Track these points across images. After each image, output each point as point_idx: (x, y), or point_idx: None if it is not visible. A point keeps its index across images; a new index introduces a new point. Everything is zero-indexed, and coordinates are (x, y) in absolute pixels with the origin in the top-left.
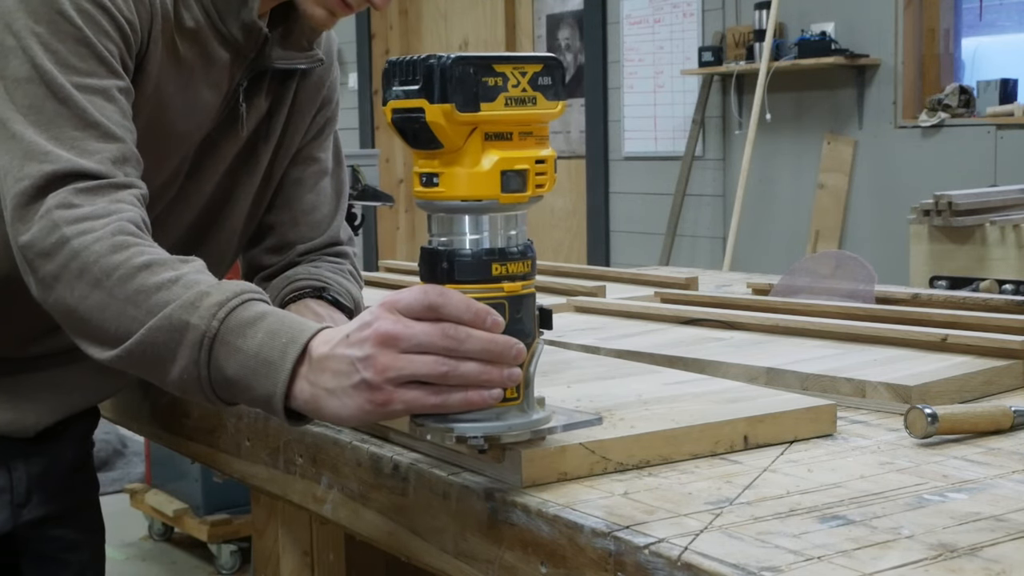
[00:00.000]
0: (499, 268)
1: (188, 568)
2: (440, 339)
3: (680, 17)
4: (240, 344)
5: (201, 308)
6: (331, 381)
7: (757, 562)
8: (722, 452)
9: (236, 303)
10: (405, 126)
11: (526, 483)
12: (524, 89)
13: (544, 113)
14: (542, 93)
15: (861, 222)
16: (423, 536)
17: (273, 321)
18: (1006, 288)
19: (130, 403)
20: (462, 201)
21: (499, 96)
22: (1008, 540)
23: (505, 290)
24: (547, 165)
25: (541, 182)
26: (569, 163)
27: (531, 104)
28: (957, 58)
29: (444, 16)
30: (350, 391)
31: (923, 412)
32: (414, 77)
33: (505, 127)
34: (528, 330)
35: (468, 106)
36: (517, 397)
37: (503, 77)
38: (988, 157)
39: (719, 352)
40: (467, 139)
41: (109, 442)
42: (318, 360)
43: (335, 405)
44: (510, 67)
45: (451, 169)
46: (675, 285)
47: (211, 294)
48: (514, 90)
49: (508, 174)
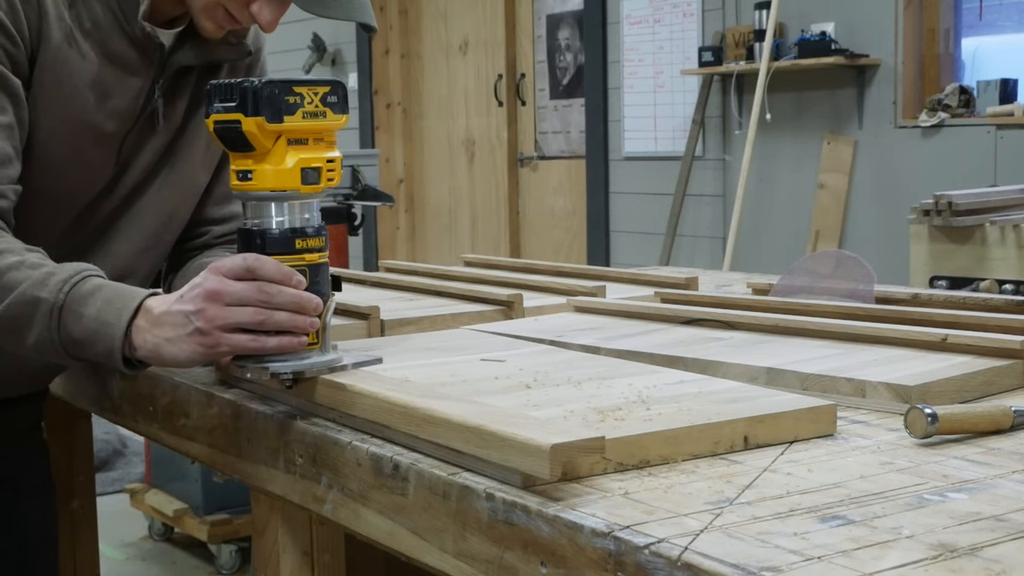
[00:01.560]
0: (300, 243)
1: (188, 568)
2: (257, 294)
3: (680, 17)
4: (83, 311)
5: (49, 284)
6: (170, 332)
7: (757, 562)
8: (722, 452)
9: (77, 279)
10: (225, 134)
11: (526, 483)
12: (317, 106)
13: (332, 124)
14: (331, 108)
15: (861, 222)
16: (423, 536)
17: (108, 291)
18: (1006, 288)
19: (130, 403)
20: (271, 191)
21: (298, 111)
22: (1008, 540)
23: (305, 260)
24: (335, 164)
25: (331, 176)
26: (569, 163)
27: (322, 117)
28: (957, 58)
29: (444, 16)
30: (185, 338)
31: (923, 412)
32: (232, 96)
33: (303, 135)
34: (325, 291)
35: (274, 118)
36: (317, 342)
37: (301, 96)
38: (988, 157)
39: (719, 352)
40: (274, 143)
41: (109, 442)
42: (158, 316)
43: (173, 351)
44: (306, 88)
45: (262, 167)
46: (675, 285)
47: (56, 273)
48: (309, 106)
49: (307, 170)
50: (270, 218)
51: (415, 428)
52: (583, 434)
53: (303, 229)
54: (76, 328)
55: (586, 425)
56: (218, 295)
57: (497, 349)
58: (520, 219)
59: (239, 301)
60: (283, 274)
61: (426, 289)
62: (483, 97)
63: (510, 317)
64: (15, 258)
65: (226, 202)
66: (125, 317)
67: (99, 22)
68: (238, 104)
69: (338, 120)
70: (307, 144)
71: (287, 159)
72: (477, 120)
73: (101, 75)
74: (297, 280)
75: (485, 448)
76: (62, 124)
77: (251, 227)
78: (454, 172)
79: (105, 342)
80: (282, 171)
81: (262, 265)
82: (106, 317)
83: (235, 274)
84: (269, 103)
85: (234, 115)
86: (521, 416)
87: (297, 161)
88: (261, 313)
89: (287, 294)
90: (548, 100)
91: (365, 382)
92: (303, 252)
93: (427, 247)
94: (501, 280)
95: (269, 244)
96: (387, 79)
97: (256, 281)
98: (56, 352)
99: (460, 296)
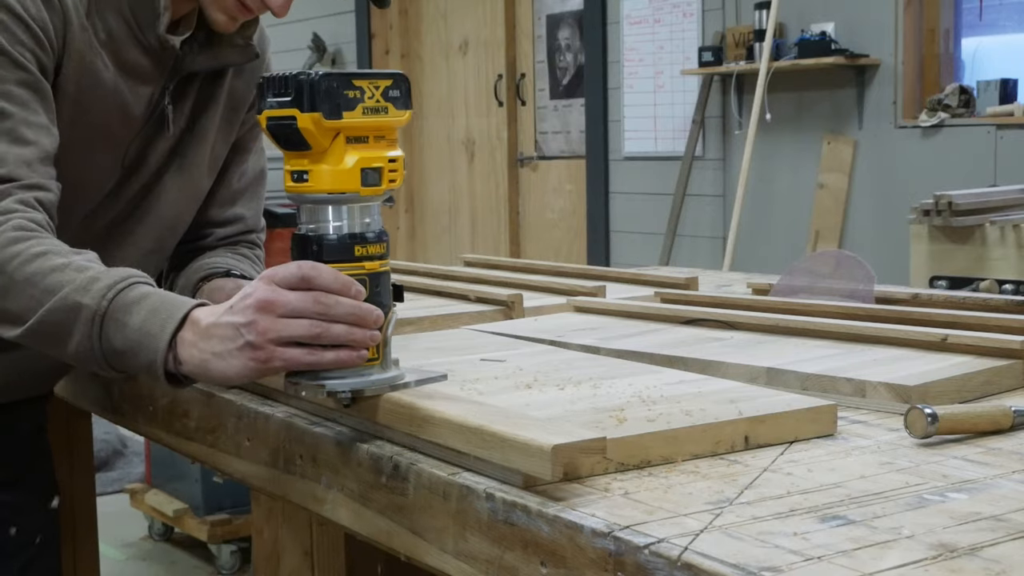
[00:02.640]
0: (360, 249)
1: (188, 568)
2: (313, 305)
3: (680, 17)
4: (126, 320)
5: (92, 290)
6: (218, 345)
7: (757, 562)
8: (722, 452)
9: (123, 286)
10: (279, 131)
11: (527, 483)
12: (378, 100)
13: (395, 120)
14: (392, 104)
15: (861, 222)
16: (423, 536)
17: (155, 300)
18: (1006, 288)
19: (130, 403)
20: (328, 194)
21: (358, 106)
22: (1008, 540)
23: (365, 268)
24: (397, 163)
25: (393, 177)
26: (569, 163)
27: (384, 113)
28: (957, 58)
29: (444, 16)
30: (235, 352)
31: (923, 412)
32: (287, 90)
33: (364, 132)
34: (385, 301)
35: (333, 114)
36: (377, 358)
37: (361, 90)
38: (988, 157)
39: (719, 352)
40: (332, 142)
41: (109, 442)
42: (205, 328)
43: (222, 366)
44: (366, 82)
45: (318, 167)
46: (675, 285)
47: (100, 279)
48: (370, 101)
49: (367, 171)
50: (327, 223)
51: (415, 428)
52: (584, 435)
53: (363, 235)
54: (118, 338)
55: (587, 425)
56: (271, 306)
57: (497, 349)
58: (520, 219)
59: (294, 313)
60: (341, 284)
61: (426, 289)
62: (483, 97)
63: (510, 317)
64: (60, 260)
65: (229, 204)
66: (169, 329)
67: (113, 32)
68: (293, 99)
69: (400, 116)
70: (367, 142)
71: (346, 159)
72: (477, 120)
73: (117, 85)
74: (356, 290)
75: (486, 448)
76: (79, 133)
77: (307, 232)
78: (454, 172)
79: (147, 354)
80: (341, 172)
81: (319, 274)
82: (150, 328)
83: (289, 283)
84: (327, 98)
85: (289, 111)
86: (522, 416)
87: (357, 161)
88: (317, 326)
89: (345, 305)
90: (548, 100)
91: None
92: (363, 260)
93: (427, 247)
94: (501, 280)
95: (326, 251)
96: None
97: (312, 291)
98: (97, 362)
99: (460, 296)
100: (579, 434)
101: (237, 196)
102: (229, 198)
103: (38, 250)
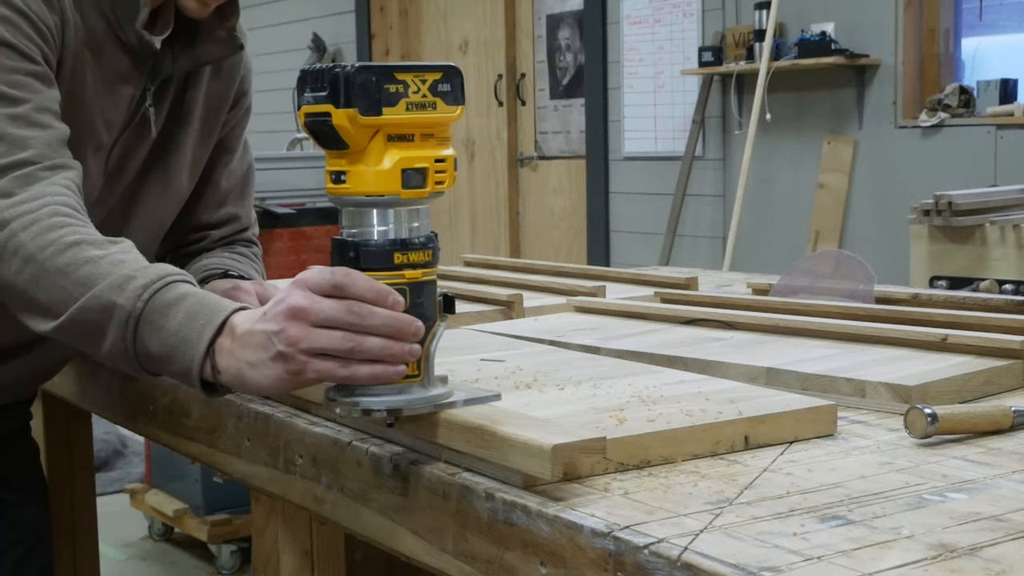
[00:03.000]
0: (401, 257)
1: (188, 568)
2: (345, 314)
3: (680, 17)
4: (162, 323)
5: (127, 290)
6: (252, 355)
7: (757, 562)
8: (722, 452)
9: (159, 285)
10: (316, 129)
11: (527, 483)
12: (424, 95)
13: (444, 117)
14: (442, 98)
15: (861, 222)
16: (423, 536)
17: (193, 303)
18: (1006, 288)
19: (130, 403)
20: (367, 196)
21: (400, 101)
22: (1008, 540)
23: (406, 277)
24: (447, 164)
25: (441, 179)
26: (569, 163)
27: (431, 109)
28: (957, 58)
29: (444, 16)
30: (269, 363)
31: (923, 412)
32: (323, 84)
33: (407, 129)
34: (429, 313)
35: (370, 110)
36: (418, 374)
37: (404, 84)
38: (988, 157)
39: (719, 352)
40: (371, 140)
41: (109, 442)
42: (241, 336)
43: (257, 377)
44: (411, 75)
45: (357, 167)
46: (675, 285)
47: (137, 277)
48: (415, 96)
49: (408, 172)
50: (368, 228)
51: (415, 428)
52: (584, 435)
53: (406, 241)
54: (153, 342)
55: (586, 425)
56: (303, 313)
57: (497, 349)
58: (520, 219)
59: (326, 322)
60: (376, 292)
61: None
62: (483, 97)
63: (510, 317)
64: (95, 251)
65: (220, 206)
66: (207, 335)
67: (93, 30)
68: (328, 94)
69: (452, 112)
70: (412, 141)
71: (386, 158)
72: (477, 120)
73: (99, 87)
74: (394, 300)
75: (486, 448)
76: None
77: (346, 237)
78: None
79: (183, 361)
80: (380, 172)
81: (352, 281)
82: (186, 333)
83: (322, 289)
84: (364, 92)
85: (324, 106)
86: (522, 416)
87: (398, 161)
88: (351, 339)
89: (380, 316)
90: (548, 100)
91: None
92: (403, 268)
93: None
94: (501, 280)
95: (363, 258)
96: None
97: (345, 300)
98: (131, 364)
99: (460, 296)
100: (579, 434)
101: (227, 196)
102: (219, 199)
103: (73, 239)
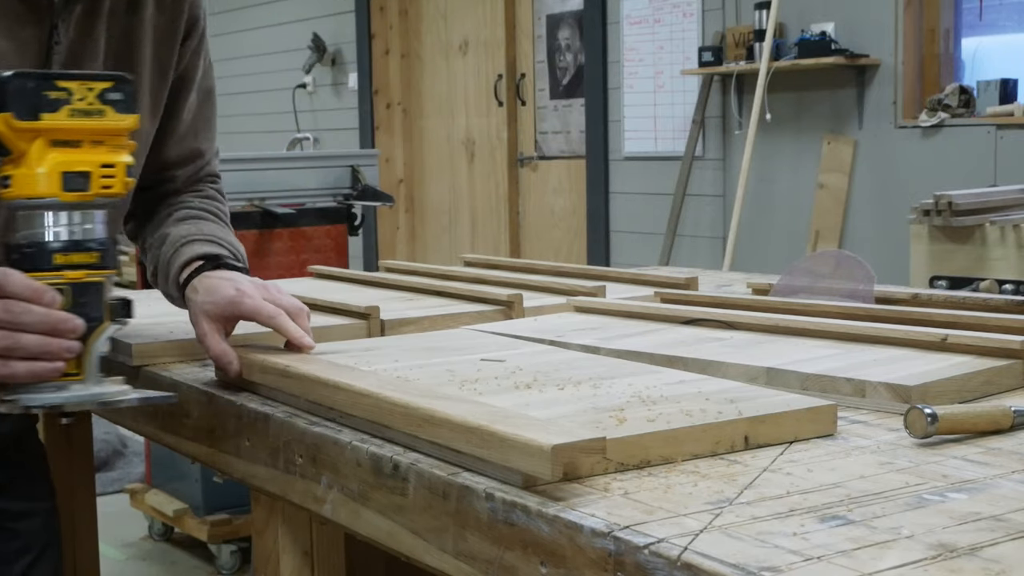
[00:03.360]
0: (62, 258)
1: (188, 568)
2: (2, 312)
3: (680, 17)
4: None
5: None
6: None
7: (757, 562)
8: (722, 452)
9: None
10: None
11: (526, 483)
12: (91, 103)
13: (112, 124)
14: (112, 106)
15: (861, 222)
16: (423, 536)
17: None
18: (1006, 288)
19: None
20: (26, 199)
21: (63, 108)
22: (1008, 540)
23: (66, 277)
24: (116, 169)
25: (108, 184)
26: (569, 163)
27: (98, 116)
28: (957, 58)
29: (444, 16)
30: None
31: (923, 412)
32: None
33: (71, 135)
34: (94, 313)
35: (26, 115)
36: (79, 372)
37: (68, 91)
38: (988, 157)
39: (719, 352)
40: (31, 144)
41: (109, 442)
42: None
43: None
44: (76, 83)
45: (19, 171)
46: (675, 285)
47: None
48: (79, 103)
49: (69, 175)
50: (33, 230)
51: (415, 428)
52: (584, 434)
53: (70, 242)
54: None
55: (586, 425)
56: None
57: (497, 349)
58: (520, 219)
59: None
60: (32, 291)
61: (426, 289)
62: (483, 97)
63: (510, 317)
64: None
65: (184, 140)
66: None
67: None
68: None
69: (121, 120)
70: (79, 146)
71: (44, 162)
72: (477, 120)
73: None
74: (51, 298)
75: (486, 448)
76: None
77: (18, 240)
78: (454, 172)
79: None
80: (39, 175)
81: (7, 281)
82: None
83: None
84: (19, 97)
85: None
86: (522, 416)
87: (56, 164)
88: (8, 338)
89: (36, 313)
90: (548, 100)
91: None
92: (63, 268)
93: (427, 247)
94: (501, 280)
95: (24, 259)
96: (387, 79)
97: (3, 299)
98: None
99: (460, 296)
100: (579, 434)
101: (191, 129)
102: (183, 133)
103: None
